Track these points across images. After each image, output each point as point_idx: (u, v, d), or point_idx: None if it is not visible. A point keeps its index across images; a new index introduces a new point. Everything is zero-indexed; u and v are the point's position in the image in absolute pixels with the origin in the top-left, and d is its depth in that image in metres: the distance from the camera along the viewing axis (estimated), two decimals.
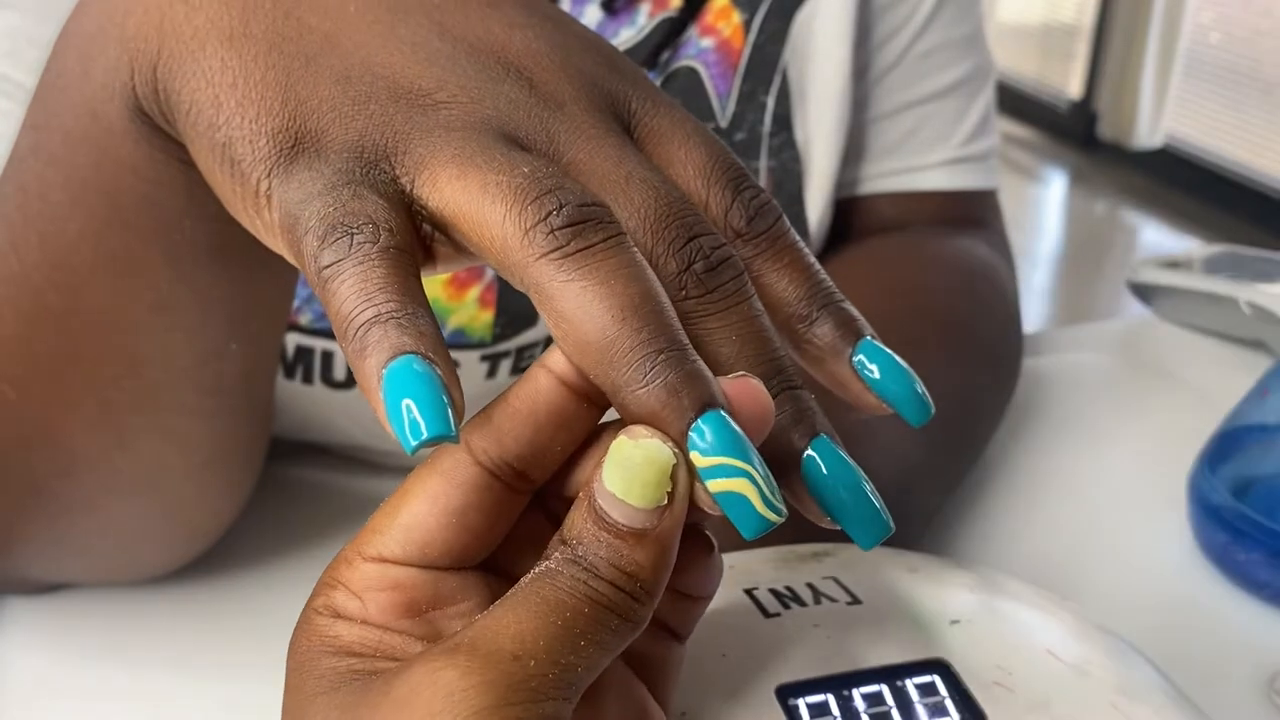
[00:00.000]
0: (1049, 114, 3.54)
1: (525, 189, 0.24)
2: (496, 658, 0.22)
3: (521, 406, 0.25)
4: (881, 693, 0.29)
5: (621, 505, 0.23)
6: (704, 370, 0.24)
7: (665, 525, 0.23)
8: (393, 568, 0.25)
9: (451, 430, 0.22)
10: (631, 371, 0.23)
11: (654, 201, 0.26)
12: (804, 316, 0.28)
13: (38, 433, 0.38)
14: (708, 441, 0.23)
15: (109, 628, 0.47)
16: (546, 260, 0.24)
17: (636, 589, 0.23)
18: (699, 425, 0.23)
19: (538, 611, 0.23)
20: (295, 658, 0.25)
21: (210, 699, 0.44)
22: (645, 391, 0.23)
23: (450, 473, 0.25)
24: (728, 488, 0.23)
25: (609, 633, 0.23)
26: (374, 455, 0.57)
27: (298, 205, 0.25)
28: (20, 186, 0.34)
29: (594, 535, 0.23)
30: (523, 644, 0.22)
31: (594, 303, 0.23)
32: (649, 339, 0.23)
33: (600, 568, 0.23)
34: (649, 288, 0.24)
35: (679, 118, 0.29)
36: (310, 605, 0.25)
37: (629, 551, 0.23)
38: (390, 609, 0.25)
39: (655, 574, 0.24)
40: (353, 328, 0.23)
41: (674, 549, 0.24)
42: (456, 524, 0.25)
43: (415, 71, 0.27)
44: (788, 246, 0.28)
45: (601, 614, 0.23)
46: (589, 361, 0.23)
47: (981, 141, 0.63)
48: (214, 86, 0.27)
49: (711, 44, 0.54)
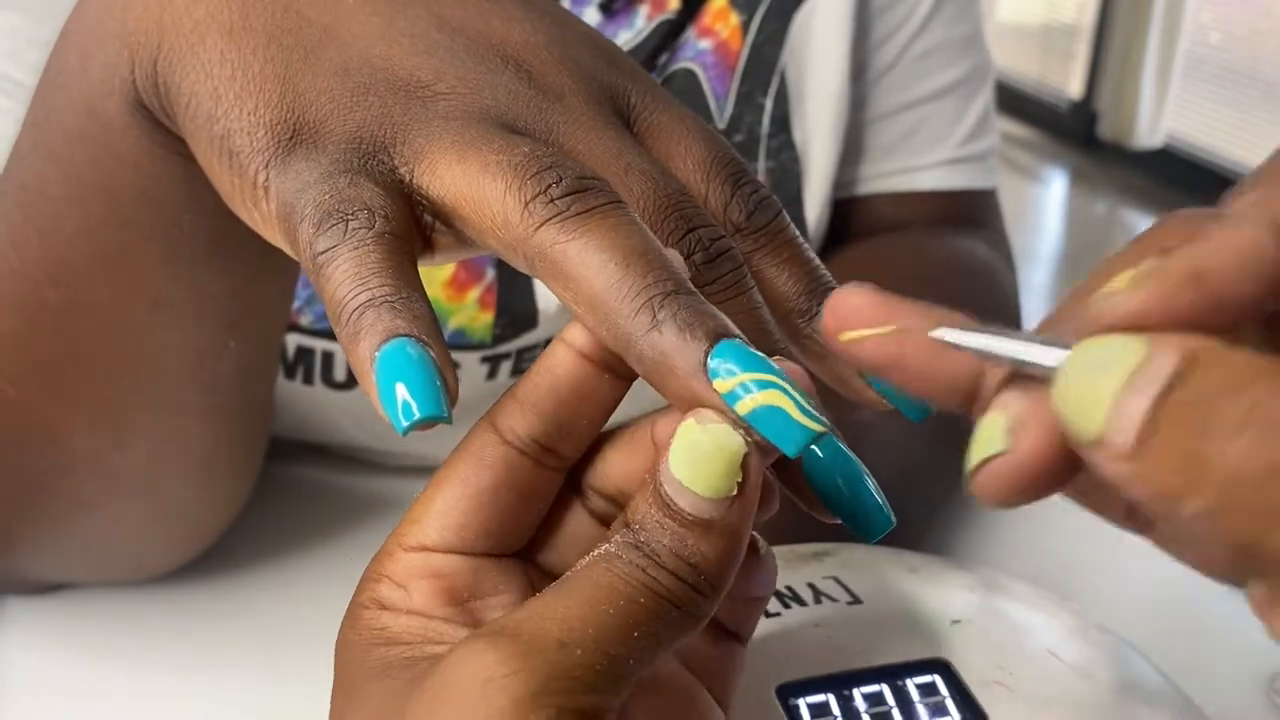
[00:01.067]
0: (1049, 114, 3.54)
1: (524, 166, 0.24)
2: (540, 644, 0.21)
3: (542, 381, 0.25)
4: (882, 692, 0.29)
5: (688, 493, 0.22)
6: (713, 308, 0.23)
7: (734, 517, 0.22)
8: (433, 555, 0.25)
9: (444, 411, 0.22)
10: (640, 315, 0.22)
11: (653, 193, 0.26)
12: (803, 311, 0.28)
13: (37, 431, 0.38)
14: (729, 366, 0.22)
15: (109, 628, 0.47)
16: (548, 225, 0.23)
17: (700, 581, 0.22)
18: (716, 355, 0.22)
19: (590, 598, 0.22)
20: (343, 652, 0.25)
21: (210, 699, 0.44)
22: (657, 332, 0.22)
23: (478, 453, 0.25)
24: (762, 401, 0.22)
25: (665, 626, 0.22)
26: (374, 455, 0.57)
27: (294, 194, 0.25)
28: (20, 183, 0.34)
29: (658, 521, 0.22)
30: (570, 631, 0.21)
31: (596, 254, 0.23)
32: (655, 281, 0.23)
33: (662, 555, 0.22)
34: (650, 240, 0.23)
35: (678, 113, 0.29)
36: (355, 601, 0.25)
37: (694, 541, 0.22)
38: (433, 596, 0.25)
39: (721, 567, 0.23)
40: (346, 312, 0.23)
41: (743, 543, 0.23)
42: (489, 504, 0.25)
43: (414, 63, 0.27)
44: (787, 241, 0.28)
45: (659, 605, 0.22)
46: (599, 316, 0.23)
47: (980, 141, 0.63)
48: (213, 79, 0.27)
49: (709, 46, 0.54)
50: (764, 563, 0.26)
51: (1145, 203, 3.18)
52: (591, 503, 0.27)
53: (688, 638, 0.23)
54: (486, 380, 0.53)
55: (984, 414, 0.20)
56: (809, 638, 0.31)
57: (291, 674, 0.41)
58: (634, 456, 0.26)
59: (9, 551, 0.43)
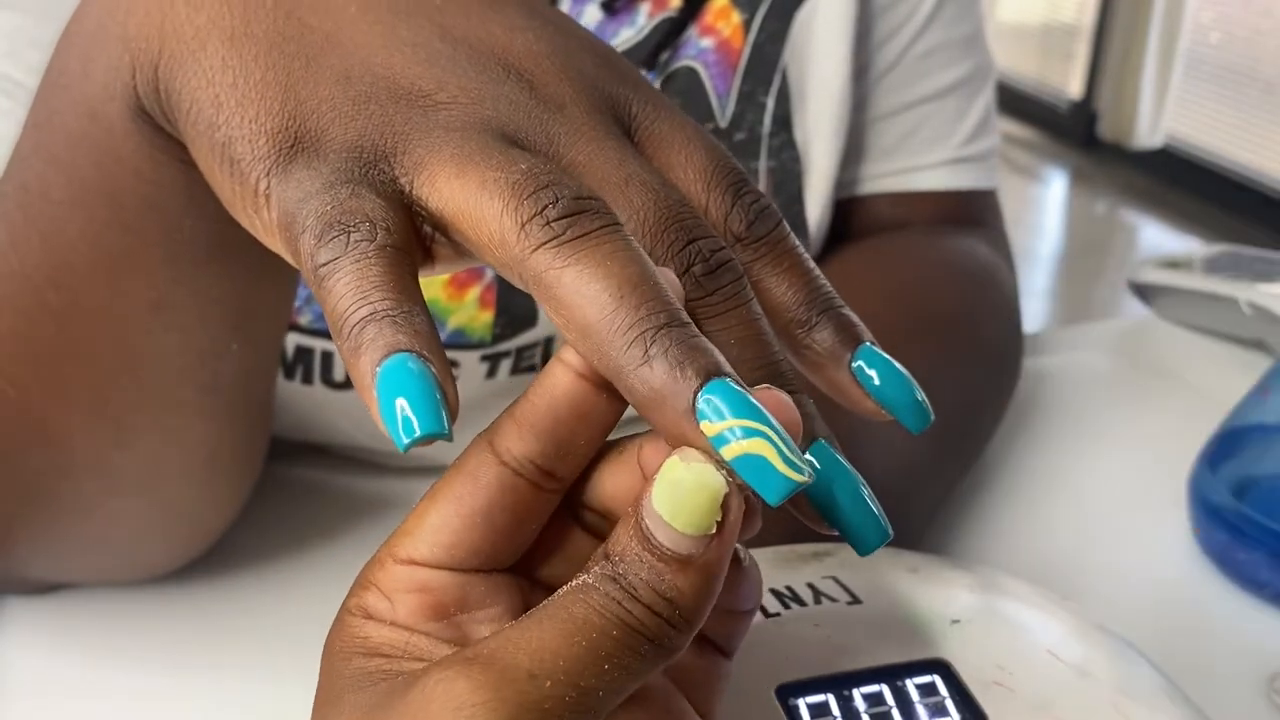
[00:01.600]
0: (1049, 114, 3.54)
1: (522, 185, 0.24)
2: (511, 675, 0.21)
3: (540, 402, 0.24)
4: (882, 693, 0.29)
5: (668, 529, 0.22)
6: (707, 343, 0.23)
7: (711, 555, 0.23)
8: (420, 570, 0.25)
9: (444, 428, 0.22)
10: (632, 349, 0.22)
11: (653, 204, 0.26)
12: (803, 322, 0.28)
13: (37, 431, 0.38)
14: (717, 407, 0.22)
15: (109, 628, 0.47)
16: (544, 250, 0.23)
17: (674, 616, 0.23)
18: (706, 394, 0.22)
19: (563, 630, 0.22)
20: (328, 657, 0.25)
21: (210, 699, 0.44)
22: (648, 368, 0.22)
23: (475, 473, 0.25)
24: (746, 450, 0.22)
25: (637, 658, 0.22)
26: (374, 456, 0.57)
27: (295, 204, 0.25)
28: (22, 185, 0.34)
29: (637, 555, 0.23)
30: (541, 663, 0.22)
31: (591, 284, 0.23)
32: (648, 314, 0.23)
33: (639, 589, 0.22)
34: (646, 268, 0.23)
35: (679, 122, 0.29)
36: (345, 605, 0.25)
37: (671, 577, 0.22)
38: (418, 611, 0.24)
39: (697, 602, 0.23)
40: (347, 325, 0.23)
41: (719, 580, 0.23)
42: (483, 524, 0.25)
43: (416, 72, 0.27)
44: (787, 251, 0.28)
45: (631, 638, 0.22)
46: (591, 346, 0.23)
47: (981, 141, 0.63)
48: (214, 86, 0.27)
49: (711, 44, 0.54)
50: (748, 575, 0.26)
51: (1145, 203, 3.18)
52: (583, 517, 0.26)
53: (659, 669, 0.23)
54: (486, 379, 0.53)
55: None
56: (809, 638, 0.31)
57: (291, 674, 0.41)
58: (623, 475, 0.26)
59: (9, 551, 0.43)
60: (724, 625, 0.27)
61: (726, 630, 0.27)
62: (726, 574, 0.24)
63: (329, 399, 0.52)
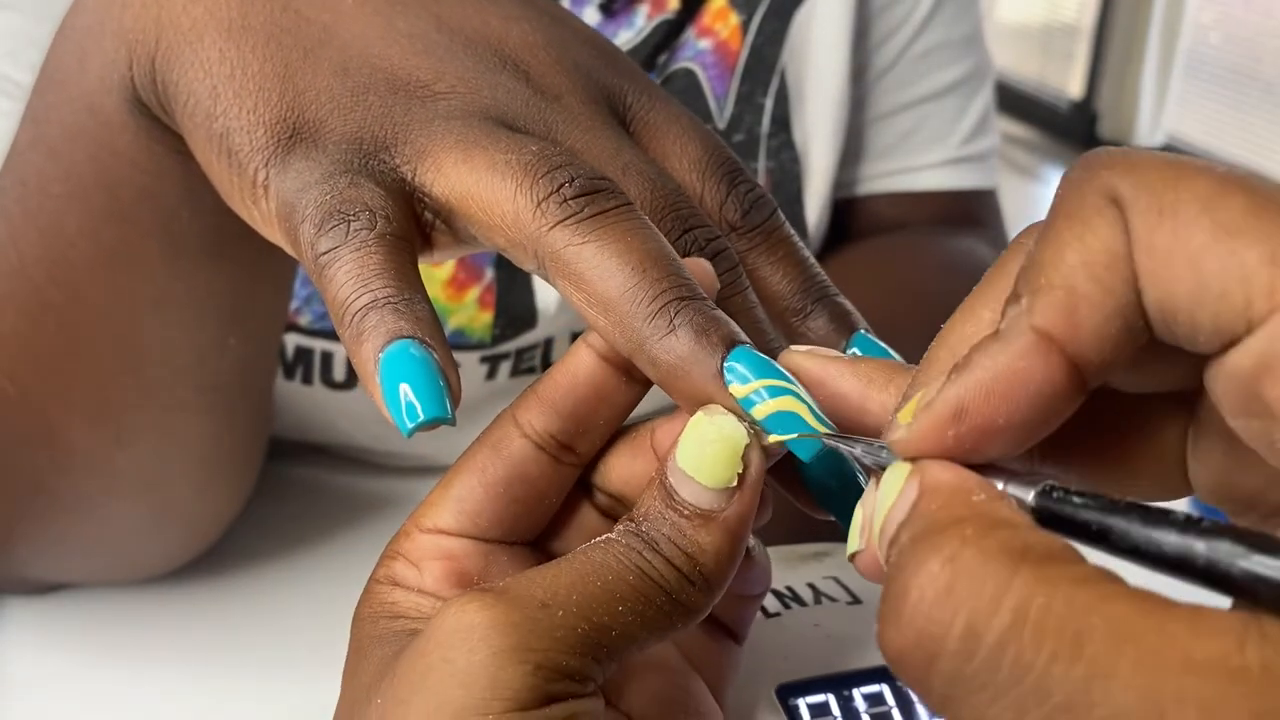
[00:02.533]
0: (1049, 114, 3.54)
1: (535, 165, 0.24)
2: (523, 602, 0.22)
3: (563, 380, 0.25)
4: (882, 692, 0.29)
5: (690, 483, 0.23)
6: (724, 314, 0.24)
7: (733, 511, 0.23)
8: (445, 538, 0.25)
9: (448, 413, 0.22)
10: (657, 319, 0.23)
11: (650, 193, 0.26)
12: (798, 310, 0.28)
13: (37, 430, 0.38)
14: (742, 373, 0.23)
15: (109, 628, 0.47)
16: (561, 226, 0.24)
17: (694, 573, 0.23)
18: (731, 361, 0.23)
19: (579, 570, 0.23)
20: (357, 623, 0.25)
21: (210, 698, 0.44)
22: (673, 337, 0.23)
23: (497, 445, 0.25)
24: (778, 407, 0.23)
25: (655, 610, 0.23)
26: (374, 456, 0.57)
27: (295, 194, 0.25)
28: (20, 180, 0.34)
29: (660, 512, 0.23)
30: (554, 594, 0.22)
31: (612, 258, 0.23)
32: (670, 287, 0.23)
33: (660, 543, 0.23)
34: (664, 244, 0.24)
35: (675, 112, 0.29)
36: (373, 577, 0.26)
37: (692, 532, 0.23)
38: (444, 578, 0.25)
39: (718, 562, 0.23)
40: (349, 313, 0.23)
41: (742, 540, 0.24)
42: (504, 495, 0.25)
43: (413, 63, 0.27)
44: (782, 240, 0.28)
45: (647, 585, 0.23)
46: (613, 319, 0.23)
47: (980, 141, 0.63)
48: (212, 77, 0.27)
49: (709, 45, 0.54)
50: (757, 561, 0.27)
51: None
52: (597, 499, 0.27)
53: (683, 630, 0.23)
54: (486, 380, 0.53)
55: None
56: (809, 638, 0.31)
57: (291, 674, 0.41)
58: (633, 459, 0.26)
59: (9, 551, 0.43)
60: (734, 609, 0.28)
61: (737, 614, 0.28)
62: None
63: (329, 399, 0.52)
